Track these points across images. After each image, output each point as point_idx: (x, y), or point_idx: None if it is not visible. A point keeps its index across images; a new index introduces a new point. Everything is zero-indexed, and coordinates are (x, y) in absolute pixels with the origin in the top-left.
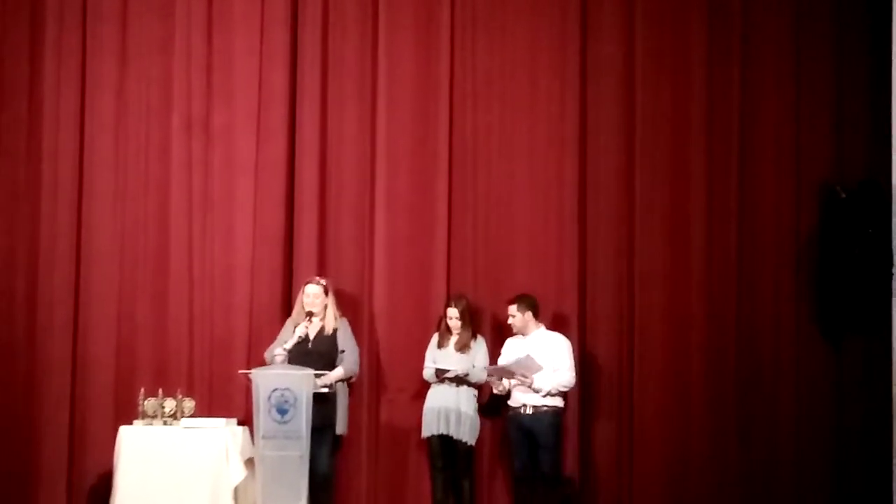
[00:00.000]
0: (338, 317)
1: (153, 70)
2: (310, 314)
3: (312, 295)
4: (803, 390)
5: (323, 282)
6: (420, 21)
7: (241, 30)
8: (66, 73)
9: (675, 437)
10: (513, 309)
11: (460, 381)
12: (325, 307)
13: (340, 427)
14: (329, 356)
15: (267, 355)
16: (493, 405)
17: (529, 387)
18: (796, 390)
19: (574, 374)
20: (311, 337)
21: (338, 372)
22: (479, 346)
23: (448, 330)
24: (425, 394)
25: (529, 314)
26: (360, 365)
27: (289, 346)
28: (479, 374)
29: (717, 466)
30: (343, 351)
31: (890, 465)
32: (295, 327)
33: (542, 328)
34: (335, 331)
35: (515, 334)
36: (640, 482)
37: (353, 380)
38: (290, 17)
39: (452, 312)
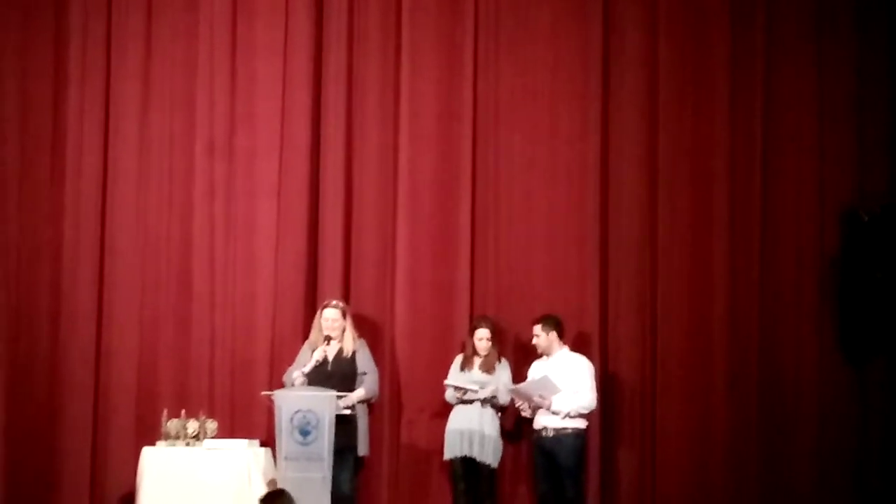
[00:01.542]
0: (356, 338)
1: (176, 93)
2: (328, 337)
3: (331, 319)
4: (826, 413)
5: (341, 305)
6: (443, 44)
7: (265, 53)
8: (89, 96)
9: (698, 459)
10: (537, 329)
11: (484, 401)
12: (344, 330)
13: (362, 448)
14: (349, 378)
15: (286, 379)
16: (515, 427)
17: (548, 409)
18: (819, 413)
19: (595, 396)
20: (330, 359)
21: (359, 392)
22: (504, 369)
23: (475, 352)
24: (447, 415)
25: (554, 334)
26: (382, 386)
27: (307, 369)
28: (504, 397)
29: (739, 490)
30: (365, 373)
31: None
32: (312, 351)
33: (566, 349)
34: (354, 353)
35: (540, 355)
36: None
37: (374, 401)
38: (313, 40)
39: (483, 333)
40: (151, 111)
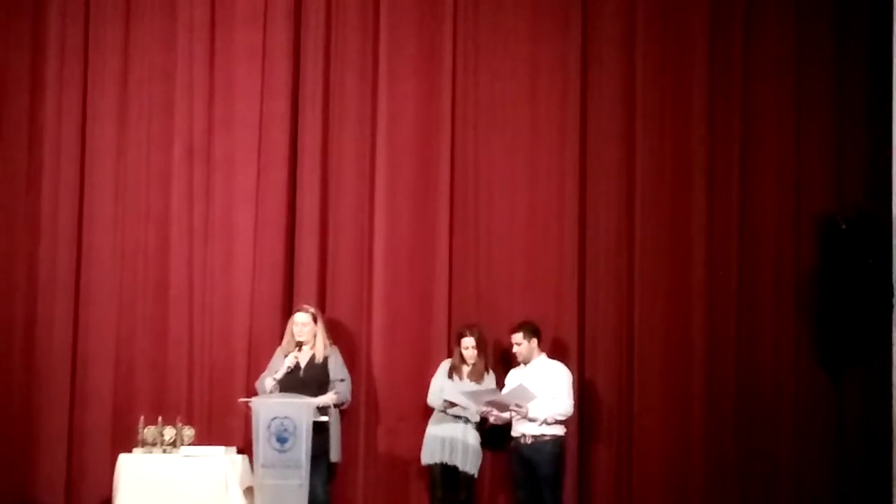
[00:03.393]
0: (328, 345)
1: (155, 98)
2: (299, 343)
3: (301, 324)
4: (803, 419)
5: (312, 310)
6: (422, 50)
7: (243, 59)
8: (67, 101)
9: (675, 466)
10: (518, 337)
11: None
12: (315, 335)
13: (334, 455)
14: (321, 384)
15: (258, 385)
16: (494, 435)
17: (525, 416)
18: (796, 420)
19: (572, 402)
20: (303, 365)
21: (329, 395)
22: (490, 381)
23: (462, 360)
24: (425, 422)
25: (535, 341)
26: (359, 393)
27: (279, 376)
28: (475, 416)
29: (717, 496)
30: (343, 380)
31: (890, 496)
32: (285, 357)
33: (544, 356)
34: (326, 359)
35: (518, 364)
36: None
37: (346, 407)
38: (292, 47)
39: (468, 342)
40: (129, 117)
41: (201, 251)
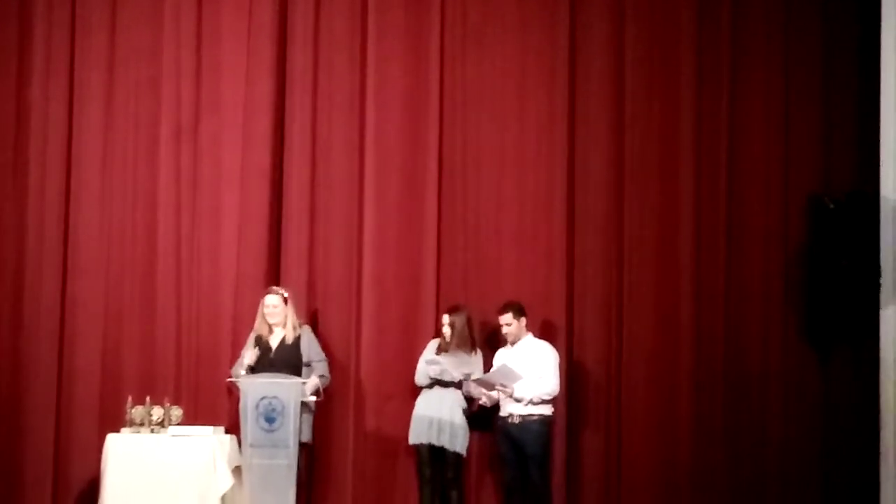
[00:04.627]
0: (297, 325)
1: (141, 79)
2: (270, 326)
3: (272, 306)
4: (791, 399)
5: (281, 291)
6: (410, 32)
7: (230, 39)
8: (54, 82)
9: (663, 446)
10: (507, 318)
11: (451, 385)
12: (286, 317)
13: (305, 435)
14: (294, 365)
15: (233, 371)
16: (481, 415)
17: (510, 396)
18: (784, 399)
19: (558, 381)
20: (274, 347)
21: (315, 379)
22: (477, 361)
23: (444, 339)
24: (412, 403)
25: (523, 321)
26: (348, 373)
27: (251, 361)
28: (467, 387)
29: (705, 476)
30: (315, 361)
31: (877, 476)
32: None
33: (530, 336)
34: (297, 339)
35: (505, 343)
36: (627, 492)
37: (325, 386)
38: (279, 27)
39: (445, 319)
40: (116, 97)
41: (189, 231)
